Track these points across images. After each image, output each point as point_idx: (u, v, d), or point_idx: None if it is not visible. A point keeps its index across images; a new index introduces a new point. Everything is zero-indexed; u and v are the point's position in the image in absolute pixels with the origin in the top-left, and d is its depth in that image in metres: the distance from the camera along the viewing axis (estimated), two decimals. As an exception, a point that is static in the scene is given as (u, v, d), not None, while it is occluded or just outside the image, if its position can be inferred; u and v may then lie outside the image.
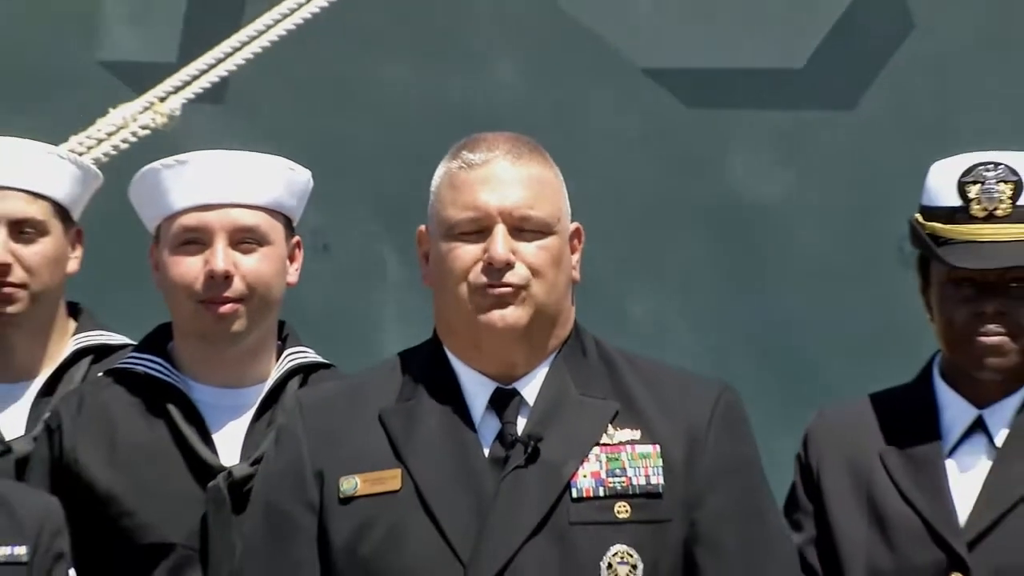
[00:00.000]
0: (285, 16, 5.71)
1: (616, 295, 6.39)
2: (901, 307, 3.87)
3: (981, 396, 3.22)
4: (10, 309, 3.61)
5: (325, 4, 5.95)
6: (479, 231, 2.91)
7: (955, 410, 3.24)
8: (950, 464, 3.20)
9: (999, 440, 3.19)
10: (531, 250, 2.90)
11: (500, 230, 2.88)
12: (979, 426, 3.21)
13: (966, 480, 3.20)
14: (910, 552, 3.17)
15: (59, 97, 5.03)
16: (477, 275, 2.89)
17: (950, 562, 3.11)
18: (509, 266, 2.87)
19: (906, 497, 3.19)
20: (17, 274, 3.57)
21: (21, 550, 3.15)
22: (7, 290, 3.59)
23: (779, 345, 6.36)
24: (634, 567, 2.83)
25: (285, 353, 3.52)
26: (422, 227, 3.03)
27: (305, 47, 6.25)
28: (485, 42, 8.06)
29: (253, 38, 5.57)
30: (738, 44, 8.35)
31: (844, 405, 3.51)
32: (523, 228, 2.90)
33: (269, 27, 5.66)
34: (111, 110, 4.96)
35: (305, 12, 5.70)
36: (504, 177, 2.96)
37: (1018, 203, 3.19)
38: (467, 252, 2.91)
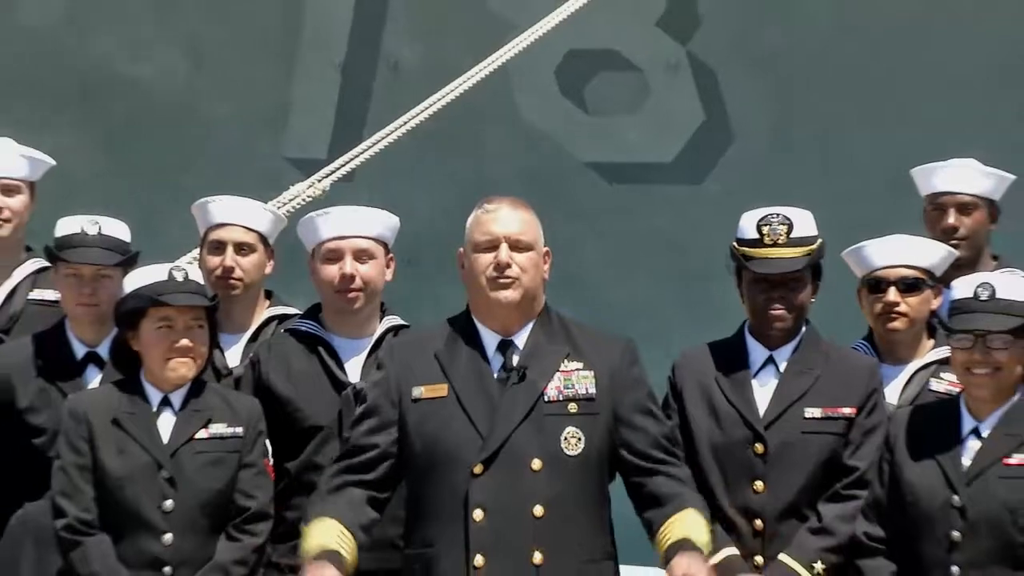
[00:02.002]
0: (387, 134, 6.51)
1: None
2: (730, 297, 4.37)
3: (771, 343, 4.10)
4: (233, 292, 4.36)
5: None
6: (492, 248, 3.73)
7: (757, 352, 4.12)
8: (754, 382, 4.10)
9: (782, 368, 4.09)
10: (520, 259, 3.73)
11: (504, 247, 3.72)
12: (771, 361, 4.10)
13: (763, 391, 4.08)
14: (732, 432, 4.04)
15: (259, 175, 5.68)
16: (490, 272, 3.71)
17: (754, 436, 4.00)
18: (508, 267, 3.71)
19: (729, 400, 4.06)
20: (237, 273, 4.38)
21: (239, 429, 4.04)
22: (232, 281, 4.35)
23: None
24: (579, 439, 3.69)
25: (384, 319, 4.39)
26: (460, 249, 3.83)
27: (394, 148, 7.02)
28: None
29: (368, 148, 6.30)
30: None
31: (694, 349, 4.23)
32: (516, 246, 3.73)
33: (373, 144, 6.42)
34: (291, 186, 5.69)
35: (397, 133, 6.56)
36: (506, 218, 3.77)
37: (790, 236, 4.03)
38: (486, 259, 3.72)
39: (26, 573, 4.23)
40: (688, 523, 3.65)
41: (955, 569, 3.72)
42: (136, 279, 4.07)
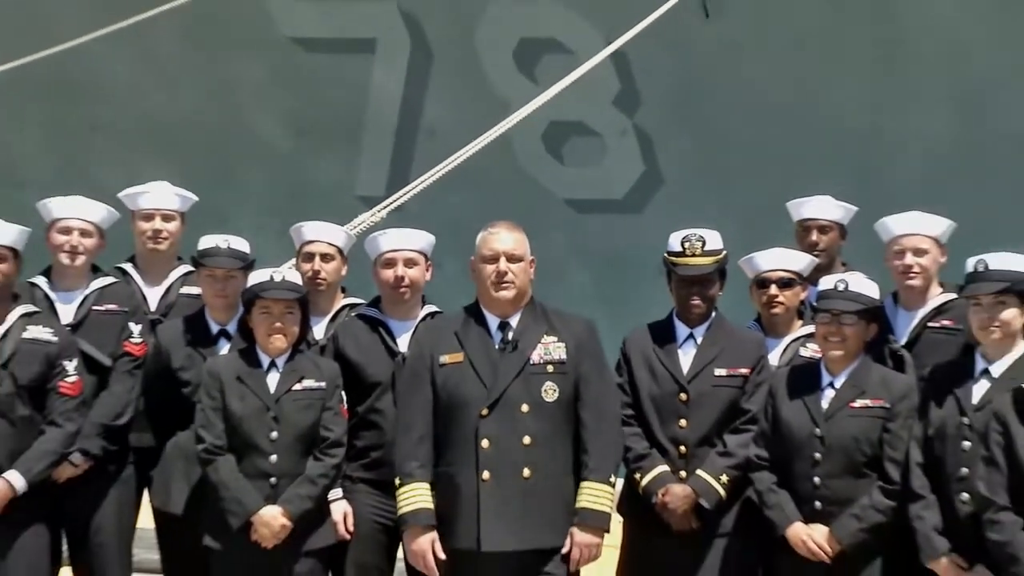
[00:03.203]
0: (426, 179, 6.67)
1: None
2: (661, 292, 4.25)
3: (691, 324, 4.01)
4: (319, 288, 4.26)
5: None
6: (494, 260, 3.69)
7: (681, 330, 4.03)
8: (679, 351, 4.00)
9: (699, 341, 3.98)
10: (514, 267, 3.69)
11: (502, 259, 3.69)
12: (691, 336, 4.00)
13: (685, 357, 3.98)
14: (664, 386, 3.95)
15: (338, 207, 5.55)
16: (493, 277, 3.69)
17: (679, 388, 3.91)
18: (505, 274, 3.68)
19: (663, 363, 3.97)
20: (321, 275, 4.29)
21: (323, 383, 3.97)
22: (318, 281, 4.26)
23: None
24: (555, 390, 3.65)
25: (424, 307, 4.30)
26: (472, 258, 3.77)
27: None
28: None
29: (412, 188, 6.48)
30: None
31: (640, 328, 4.11)
32: (511, 259, 3.69)
33: (416, 185, 6.62)
34: (359, 215, 5.67)
35: (432, 178, 6.65)
36: (503, 238, 3.72)
37: (704, 249, 3.95)
38: (489, 267, 3.69)
39: (177, 480, 4.17)
40: (585, 494, 3.63)
41: (816, 479, 3.70)
42: (253, 278, 4.04)
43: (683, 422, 3.91)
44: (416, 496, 3.61)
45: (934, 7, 8.85)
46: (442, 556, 3.60)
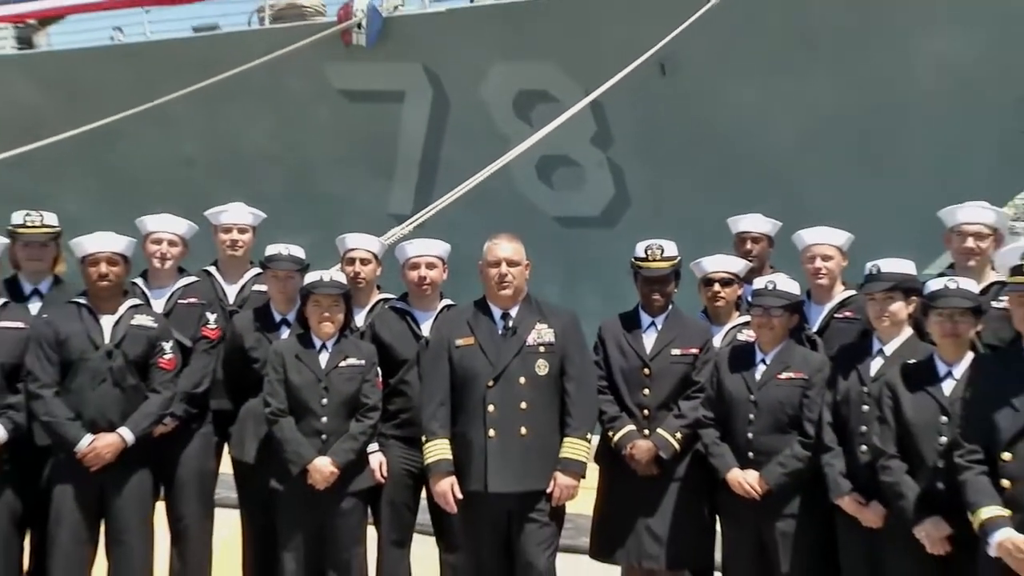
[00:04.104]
0: (444, 201, 6.52)
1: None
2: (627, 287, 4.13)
3: (653, 314, 3.92)
4: (359, 286, 4.17)
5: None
6: (496, 265, 3.64)
7: (645, 319, 3.92)
8: (644, 335, 3.90)
9: (659, 328, 3.89)
10: (512, 270, 3.64)
11: (503, 264, 3.64)
12: (652, 324, 3.90)
13: (648, 340, 3.89)
14: (632, 362, 3.86)
15: (375, 223, 5.27)
16: (495, 279, 3.65)
17: (643, 364, 3.83)
18: (505, 276, 3.63)
19: (631, 345, 3.88)
20: (361, 276, 4.21)
21: (363, 361, 3.90)
22: (358, 280, 4.18)
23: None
24: (546, 366, 3.60)
25: (442, 300, 4.21)
26: (480, 263, 3.69)
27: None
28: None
29: (433, 209, 6.41)
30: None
31: (612, 317, 4.01)
32: (510, 264, 3.64)
33: (436, 207, 6.50)
34: (391, 229, 5.74)
35: (449, 200, 6.48)
36: (504, 247, 3.67)
37: (663, 255, 3.89)
38: (493, 271, 3.64)
39: (249, 436, 4.11)
40: (567, 447, 3.58)
41: (750, 435, 3.65)
42: (308, 278, 4.00)
43: (646, 391, 3.85)
44: (438, 450, 3.58)
45: (845, 75, 8.99)
46: (459, 496, 3.58)
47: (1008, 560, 2.69)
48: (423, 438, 3.64)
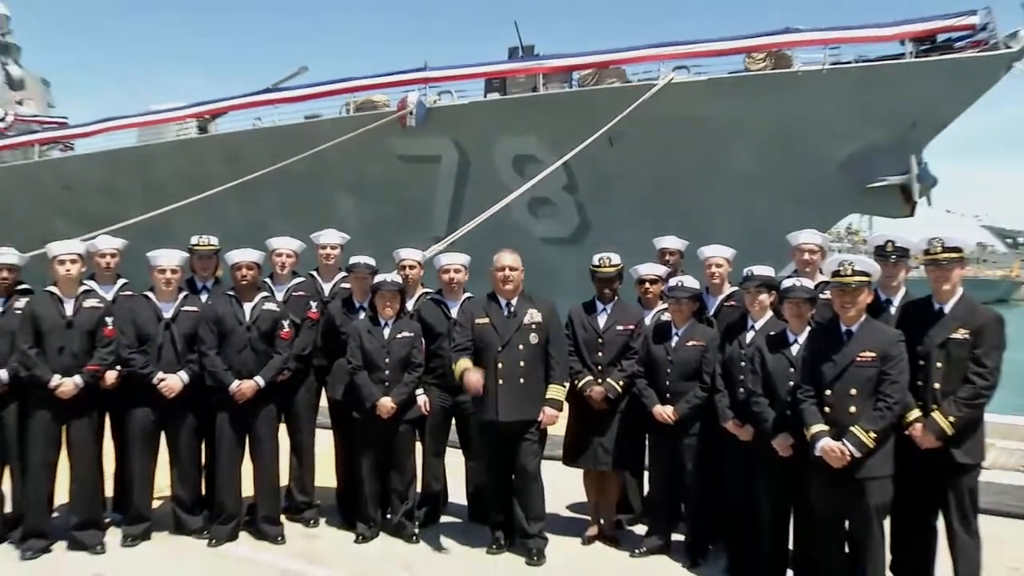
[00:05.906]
0: (466, 229, 6.38)
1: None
2: (587, 284, 3.82)
3: (604, 303, 3.70)
4: (410, 284, 4.01)
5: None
6: (501, 270, 3.53)
7: (599, 306, 3.71)
8: (599, 317, 3.69)
9: (608, 312, 3.67)
10: (512, 275, 3.53)
11: (506, 269, 3.53)
12: (604, 309, 3.69)
13: (601, 319, 3.68)
14: (589, 336, 3.65)
15: (422, 242, 4.89)
16: (501, 279, 3.53)
17: (597, 336, 3.63)
18: (508, 279, 3.53)
19: (590, 324, 3.66)
20: (410, 277, 4.06)
21: (412, 334, 3.71)
22: (409, 280, 4.01)
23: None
24: (537, 337, 3.47)
25: (464, 294, 4.01)
26: (491, 268, 3.53)
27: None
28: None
29: (459, 233, 6.35)
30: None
31: (577, 304, 3.75)
32: (511, 270, 3.54)
33: (461, 233, 6.48)
34: (432, 246, 5.37)
35: (469, 227, 6.29)
36: (506, 258, 3.56)
37: (611, 264, 3.68)
38: (499, 274, 3.52)
39: (339, 383, 3.99)
40: (551, 391, 3.48)
41: (668, 383, 3.56)
42: (377, 279, 3.90)
43: (600, 354, 3.69)
44: (464, 361, 3.46)
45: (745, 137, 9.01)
46: (483, 382, 3.39)
47: (826, 458, 2.75)
48: (454, 364, 3.47)
